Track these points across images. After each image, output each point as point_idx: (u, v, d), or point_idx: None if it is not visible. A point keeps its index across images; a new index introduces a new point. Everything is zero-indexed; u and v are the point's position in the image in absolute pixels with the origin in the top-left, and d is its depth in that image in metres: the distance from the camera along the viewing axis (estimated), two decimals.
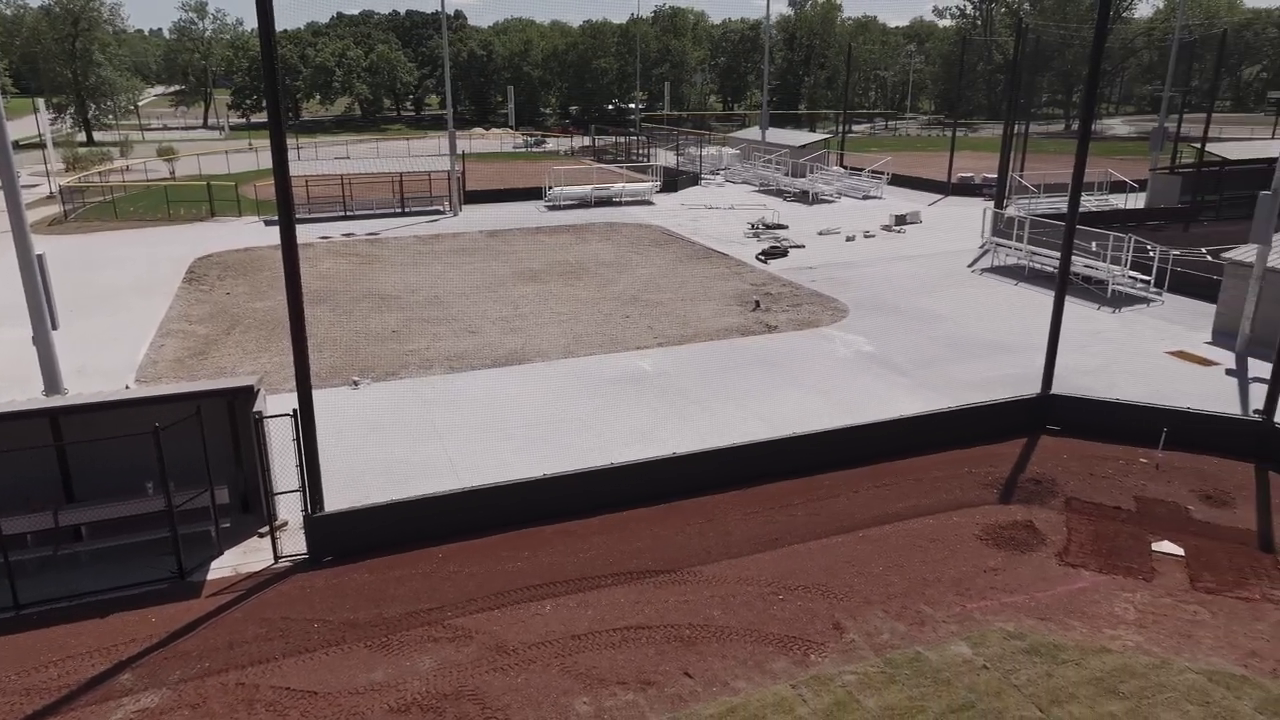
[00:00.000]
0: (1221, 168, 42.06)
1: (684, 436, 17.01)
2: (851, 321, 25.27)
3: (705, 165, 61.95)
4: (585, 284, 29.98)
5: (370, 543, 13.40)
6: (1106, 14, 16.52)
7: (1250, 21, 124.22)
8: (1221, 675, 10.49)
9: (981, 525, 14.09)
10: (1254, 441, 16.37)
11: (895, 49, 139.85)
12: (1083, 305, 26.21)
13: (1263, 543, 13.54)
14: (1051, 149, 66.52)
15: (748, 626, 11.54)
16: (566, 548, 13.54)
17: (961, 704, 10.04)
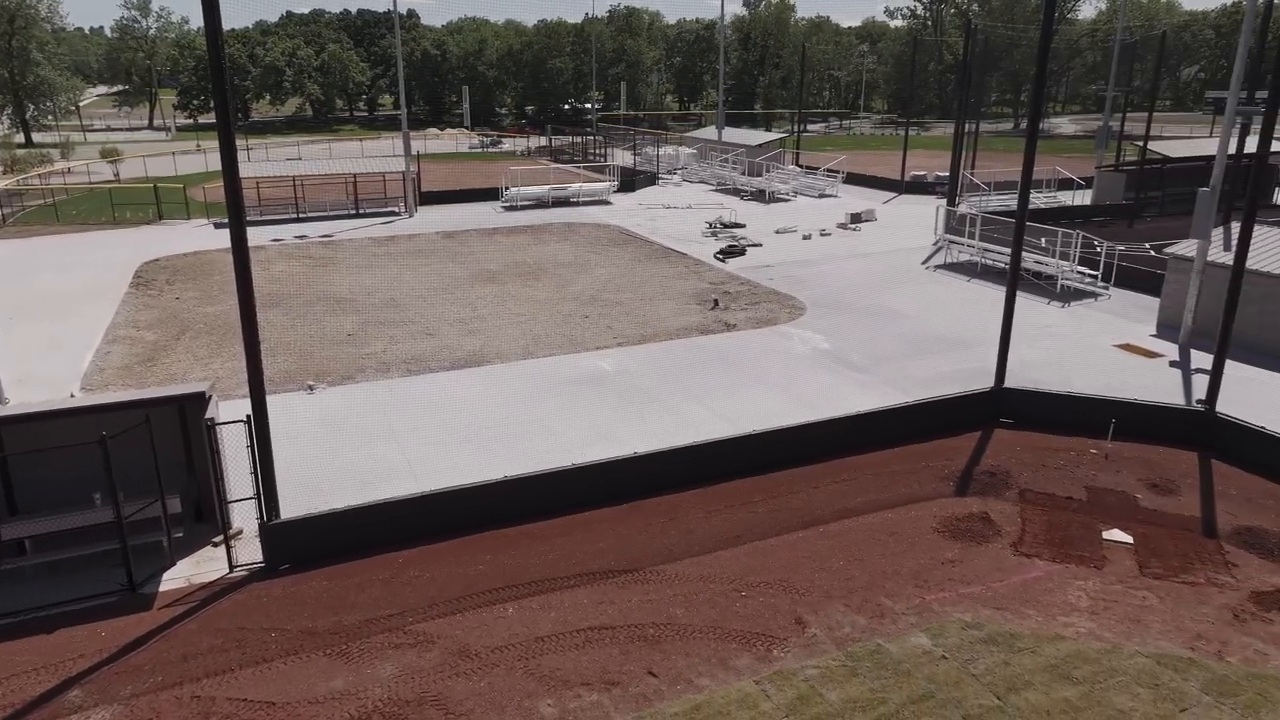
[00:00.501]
0: (1163, 165, 43.25)
1: (645, 436, 17.03)
2: (809, 319, 25.51)
3: (662, 165, 62.10)
4: (544, 284, 29.86)
5: (328, 549, 13.19)
6: (1052, 15, 16.88)
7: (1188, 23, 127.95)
8: (1169, 658, 10.78)
9: (939, 518, 14.30)
10: (1197, 430, 16.86)
11: (848, 49, 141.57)
12: (1033, 300, 26.76)
13: (1207, 529, 13.94)
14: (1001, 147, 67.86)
15: (711, 624, 11.58)
16: (529, 550, 13.47)
17: (922, 694, 10.18)
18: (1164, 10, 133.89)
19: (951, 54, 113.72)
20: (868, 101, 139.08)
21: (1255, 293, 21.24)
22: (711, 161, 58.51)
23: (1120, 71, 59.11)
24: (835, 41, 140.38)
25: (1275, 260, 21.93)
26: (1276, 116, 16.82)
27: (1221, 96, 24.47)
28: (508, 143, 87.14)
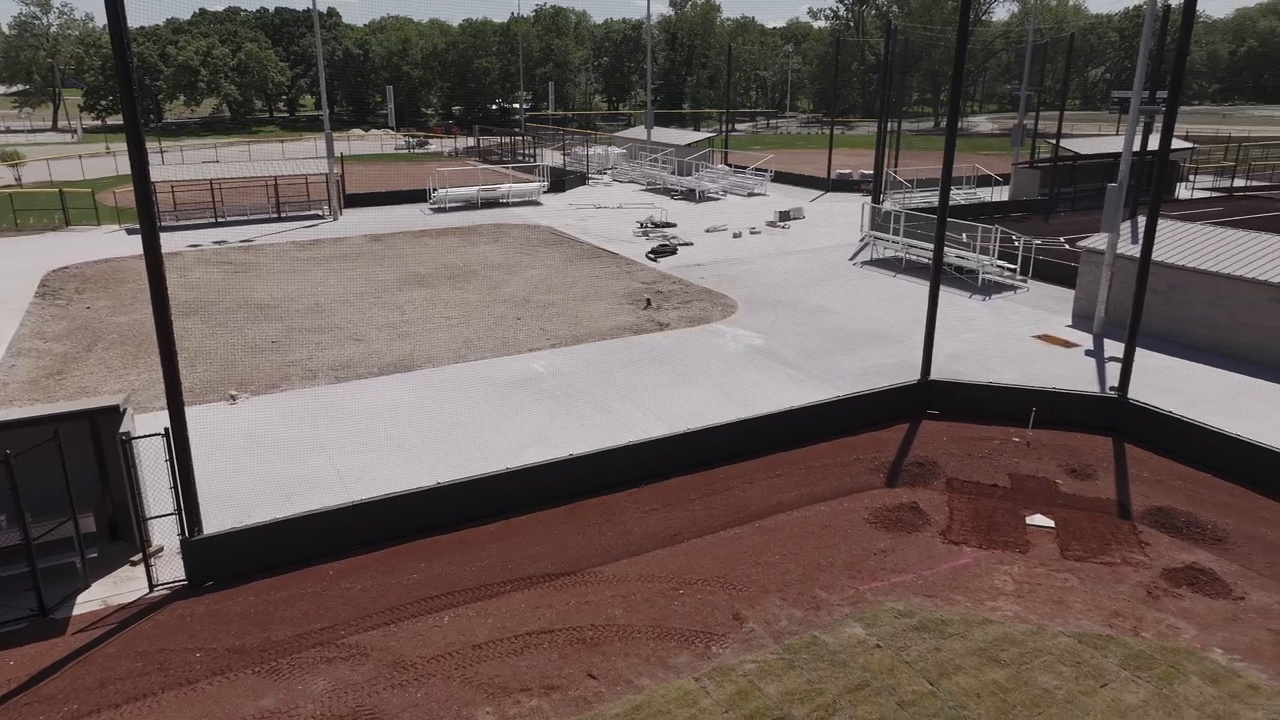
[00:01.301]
0: (1074, 162, 44.97)
1: (580, 437, 16.95)
2: (741, 317, 25.76)
3: (592, 165, 62.01)
4: (474, 287, 29.50)
5: (255, 564, 12.78)
6: (967, 17, 17.36)
7: (1094, 26, 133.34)
8: (1090, 636, 11.19)
9: (870, 509, 14.59)
10: (1111, 416, 17.57)
11: (774, 49, 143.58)
12: (956, 294, 27.52)
13: (1122, 511, 14.53)
14: (923, 145, 69.64)
15: (650, 623, 11.59)
16: (464, 556, 13.28)
17: (857, 683, 10.36)
18: (1072, 13, 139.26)
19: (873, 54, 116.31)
20: (794, 101, 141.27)
21: (1161, 283, 22.24)
22: (641, 161, 58.66)
23: (1033, 72, 61.28)
24: (761, 42, 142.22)
25: (1179, 252, 22.99)
26: (1176, 115, 17.64)
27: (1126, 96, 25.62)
28: (435, 143, 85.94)
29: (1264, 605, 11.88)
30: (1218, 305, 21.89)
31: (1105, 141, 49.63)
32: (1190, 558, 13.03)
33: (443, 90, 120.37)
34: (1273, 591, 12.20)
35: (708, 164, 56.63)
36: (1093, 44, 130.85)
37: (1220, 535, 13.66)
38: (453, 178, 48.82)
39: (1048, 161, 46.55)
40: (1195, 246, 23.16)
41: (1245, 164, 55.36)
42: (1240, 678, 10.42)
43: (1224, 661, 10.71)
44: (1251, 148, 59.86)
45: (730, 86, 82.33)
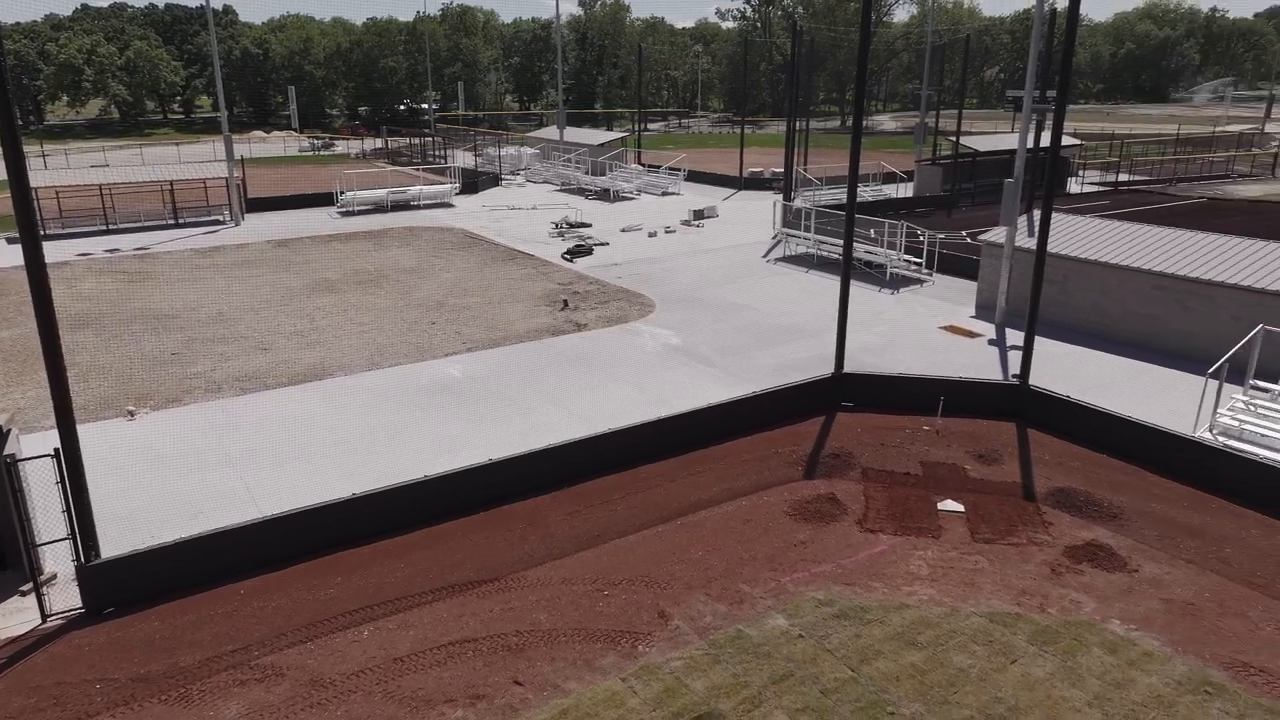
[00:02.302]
0: (974, 159, 46.74)
1: (501, 441, 16.74)
2: (659, 316, 25.89)
3: (505, 165, 61.43)
4: (386, 292, 28.85)
5: (159, 587, 12.19)
6: (869, 18, 17.84)
7: (988, 28, 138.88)
8: (1000, 615, 11.64)
9: (790, 502, 14.84)
10: (1014, 402, 18.31)
11: (683, 49, 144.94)
12: (866, 288, 28.26)
13: (1026, 493, 15.16)
14: (830, 144, 71.29)
15: (575, 626, 11.52)
16: (383, 568, 12.95)
17: (782, 674, 10.52)
18: (967, 15, 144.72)
19: (780, 55, 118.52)
20: (705, 100, 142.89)
21: (1056, 274, 23.27)
22: (555, 161, 58.39)
23: (932, 72, 63.44)
24: (670, 42, 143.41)
25: (1071, 244, 24.11)
26: (1064, 114, 18.50)
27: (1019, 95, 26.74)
28: (341, 145, 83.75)
29: (1155, 576, 12.57)
30: (1107, 294, 23.05)
31: (1002, 139, 51.73)
32: (1089, 535, 13.68)
33: (348, 90, 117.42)
34: (1163, 563, 12.91)
35: (621, 164, 56.76)
36: (987, 45, 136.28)
37: (1115, 512, 14.38)
38: (361, 180, 47.64)
39: (949, 159, 48.25)
40: (1086, 239, 24.34)
41: (1128, 160, 58.54)
42: (1136, 646, 10.99)
43: (1121, 632, 11.28)
44: (1133, 144, 63.32)
45: (641, 86, 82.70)
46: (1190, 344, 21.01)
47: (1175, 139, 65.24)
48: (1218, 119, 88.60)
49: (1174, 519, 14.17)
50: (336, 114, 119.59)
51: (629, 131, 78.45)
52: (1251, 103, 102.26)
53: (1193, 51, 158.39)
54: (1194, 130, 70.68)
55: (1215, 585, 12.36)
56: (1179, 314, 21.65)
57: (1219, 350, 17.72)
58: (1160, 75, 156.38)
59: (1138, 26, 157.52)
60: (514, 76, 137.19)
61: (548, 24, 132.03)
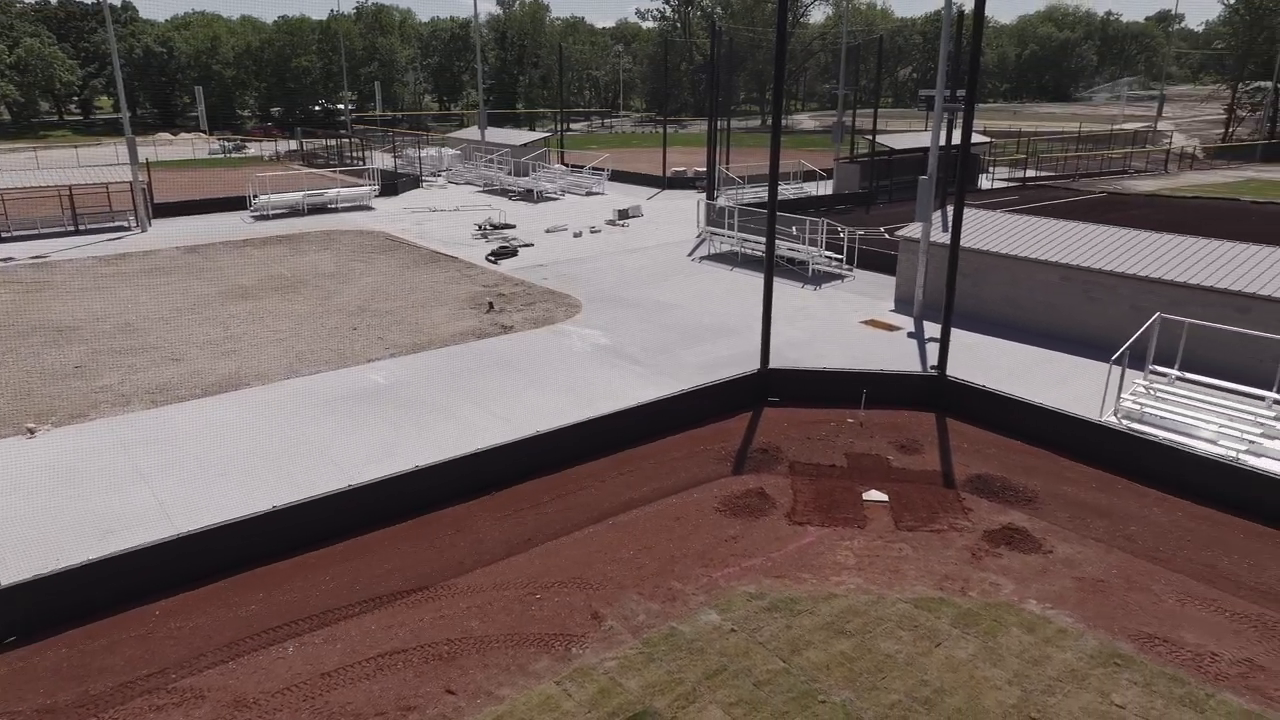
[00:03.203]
0: (890, 156, 47.97)
1: (427, 447, 16.47)
2: (586, 316, 25.83)
3: (426, 167, 60.47)
4: (305, 297, 28.08)
5: (66, 612, 11.61)
6: (785, 19, 18.13)
7: (900, 29, 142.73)
8: (924, 601, 11.97)
9: (719, 498, 14.98)
10: (932, 393, 18.86)
11: (604, 49, 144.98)
12: (789, 285, 28.72)
13: (946, 480, 15.63)
14: (752, 143, 72.26)
15: (508, 631, 11.41)
16: (307, 582, 12.60)
17: (715, 669, 10.61)
18: (880, 16, 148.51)
19: (701, 55, 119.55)
20: (627, 100, 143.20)
21: (970, 268, 24.04)
22: (477, 162, 57.73)
23: (848, 71, 64.88)
24: (591, 42, 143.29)
25: (984, 238, 24.95)
26: (974, 112, 19.13)
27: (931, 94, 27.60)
28: (253, 147, 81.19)
29: (1068, 556, 13.10)
30: (1018, 286, 23.94)
31: (916, 137, 53.21)
32: (1006, 519, 14.18)
33: (259, 91, 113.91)
34: (1074, 543, 13.48)
35: (544, 164, 56.46)
36: (900, 45, 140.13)
37: (1030, 496, 14.95)
38: (275, 183, 46.24)
39: (866, 157, 49.42)
40: (998, 233, 25.22)
41: (1035, 156, 60.91)
42: (1052, 624, 11.44)
43: (1038, 611, 11.73)
44: (1039, 142, 65.92)
45: (563, 86, 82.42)
46: (1095, 332, 21.96)
47: (1077, 136, 68.16)
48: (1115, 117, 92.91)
49: (1083, 500, 14.80)
50: (248, 115, 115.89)
51: (551, 132, 78.10)
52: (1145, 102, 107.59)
53: (1091, 53, 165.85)
54: (1094, 128, 73.92)
55: (1122, 562, 12.95)
56: (1084, 304, 22.61)
57: (1121, 338, 18.57)
58: (1062, 75, 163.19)
59: (1040, 29, 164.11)
60: (433, 76, 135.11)
61: (466, 23, 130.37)
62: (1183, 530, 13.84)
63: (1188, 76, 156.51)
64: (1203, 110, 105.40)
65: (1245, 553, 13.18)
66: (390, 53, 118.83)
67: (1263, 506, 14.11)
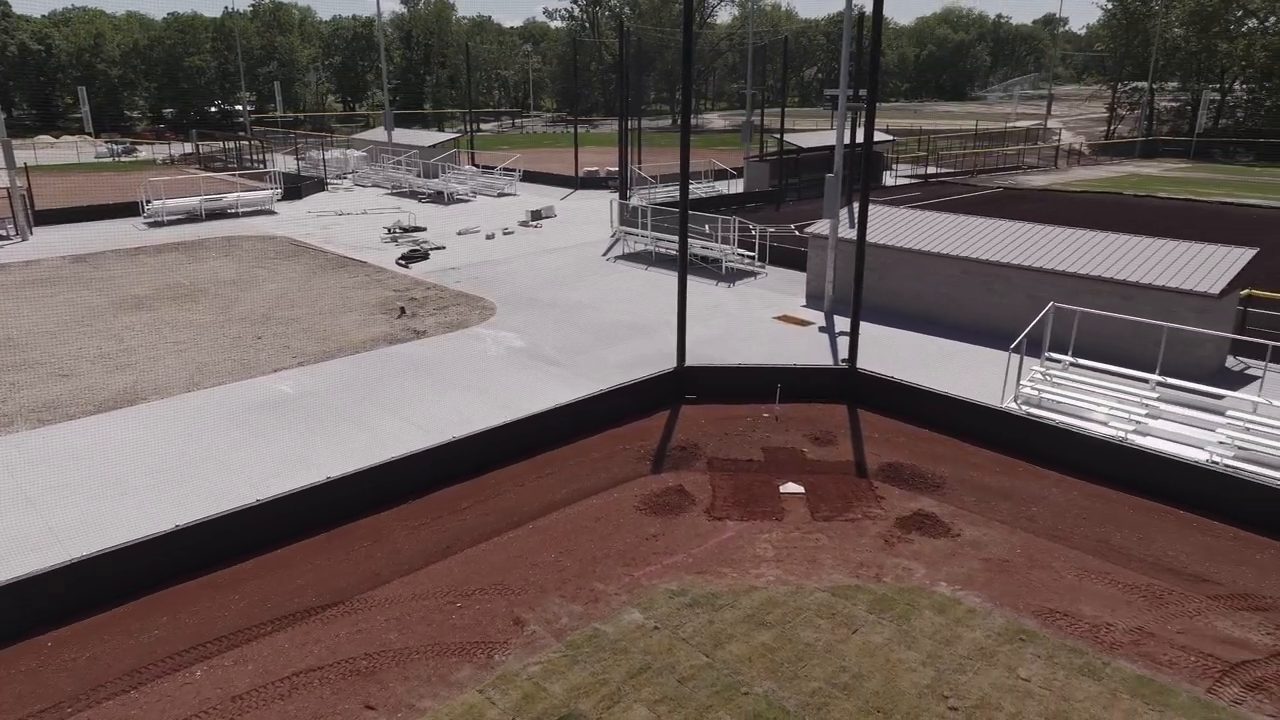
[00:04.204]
0: (798, 155, 48.98)
1: (340, 457, 16.01)
2: (501, 318, 25.56)
3: (331, 169, 58.85)
4: (205, 306, 26.97)
5: None
6: (691, 19, 18.30)
7: (804, 30, 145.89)
8: (841, 589, 12.26)
9: (639, 496, 15.02)
10: (844, 385, 19.34)
11: (513, 49, 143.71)
12: (703, 282, 29.02)
13: (859, 470, 16.05)
14: (663, 142, 72.75)
15: (428, 642, 11.19)
16: (214, 602, 12.10)
17: (639, 668, 10.64)
18: (785, 17, 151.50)
19: (610, 54, 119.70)
20: (537, 100, 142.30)
21: (876, 262, 24.72)
22: (384, 164, 56.47)
23: (755, 71, 65.95)
24: (500, 41, 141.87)
25: (889, 234, 25.71)
26: (875, 111, 19.70)
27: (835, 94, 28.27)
28: (145, 150, 77.55)
29: (975, 539, 13.62)
30: (922, 280, 24.76)
31: (823, 135, 54.48)
32: (916, 505, 14.64)
33: (150, 91, 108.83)
34: (980, 526, 14.02)
35: (455, 165, 55.63)
36: (805, 46, 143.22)
37: (938, 482, 15.48)
38: (170, 187, 44.24)
39: (775, 155, 50.33)
40: (902, 228, 26.03)
41: (935, 154, 63.12)
42: (961, 605, 11.87)
43: (948, 593, 12.16)
44: (939, 139, 68.33)
45: (472, 86, 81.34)
46: (995, 323, 22.88)
47: (974, 134, 70.91)
48: (1008, 116, 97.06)
49: (988, 484, 15.41)
50: (138, 116, 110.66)
51: (461, 132, 77.01)
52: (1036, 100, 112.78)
53: (984, 54, 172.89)
54: (989, 126, 77.05)
55: (1024, 542, 13.54)
56: (984, 296, 23.54)
57: (1019, 327, 19.40)
58: (958, 75, 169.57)
59: (937, 30, 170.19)
60: (336, 76, 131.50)
61: (369, 22, 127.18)
62: (1079, 509, 14.54)
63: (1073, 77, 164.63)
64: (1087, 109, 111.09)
65: (1135, 527, 13.95)
66: (290, 52, 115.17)
67: (1149, 483, 14.95)
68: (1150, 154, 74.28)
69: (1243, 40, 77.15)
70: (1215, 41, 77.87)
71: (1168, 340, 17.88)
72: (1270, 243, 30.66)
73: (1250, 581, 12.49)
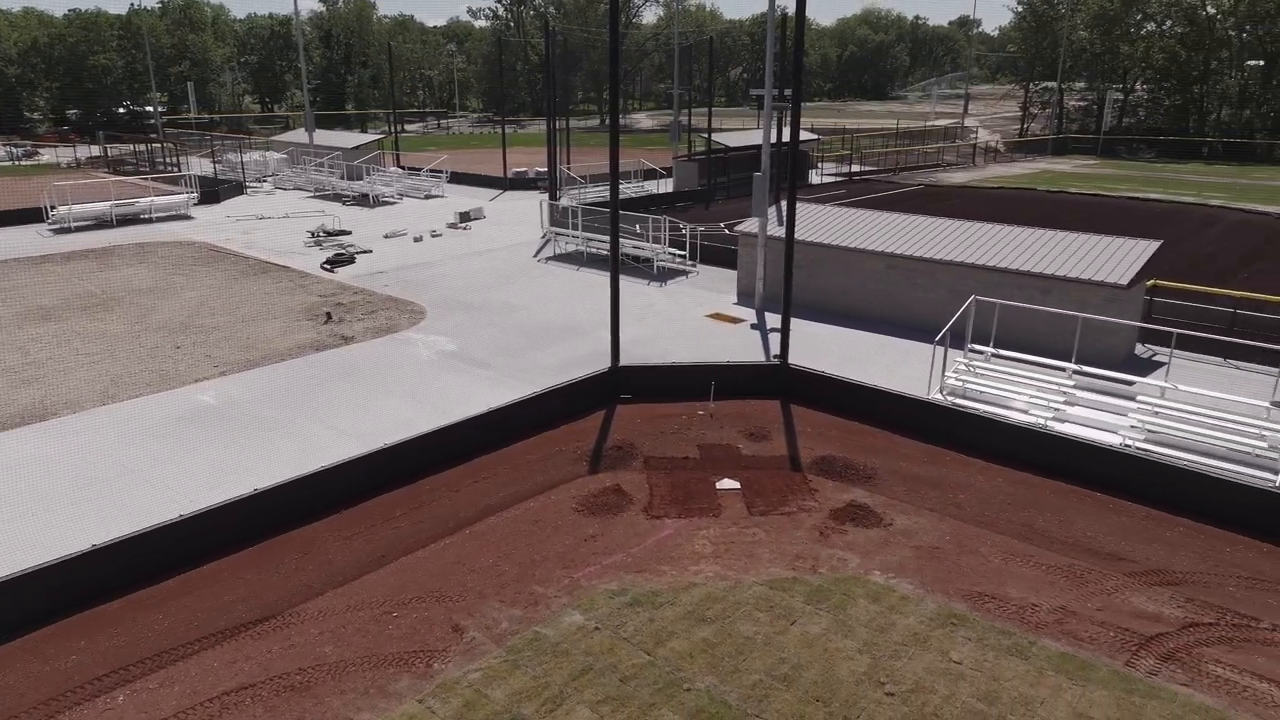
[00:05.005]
0: (726, 154, 49.46)
1: (267, 468, 15.56)
2: (431, 322, 25.18)
3: (250, 172, 57.14)
4: (119, 316, 25.90)
5: None
6: (617, 20, 18.31)
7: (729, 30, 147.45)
8: (778, 581, 12.44)
9: (577, 498, 14.98)
10: (777, 381, 19.62)
11: (436, 48, 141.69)
12: (635, 282, 29.08)
13: (793, 464, 16.30)
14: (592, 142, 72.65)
15: (364, 654, 10.97)
16: (138, 622, 11.63)
17: (581, 669, 10.61)
18: (709, 18, 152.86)
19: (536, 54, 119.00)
20: (463, 100, 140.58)
21: (806, 259, 25.14)
22: (306, 166, 55.08)
23: (682, 71, 66.41)
24: (423, 40, 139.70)
25: (817, 231, 26.16)
26: (800, 110, 20.02)
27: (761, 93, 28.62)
28: (48, 153, 74.09)
29: (906, 528, 13.97)
30: (850, 276, 25.26)
31: (750, 135, 55.13)
32: (849, 497, 14.95)
33: (51, 91, 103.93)
34: (911, 515, 14.39)
35: (379, 167, 54.57)
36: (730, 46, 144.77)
37: (870, 473, 15.82)
38: (77, 192, 42.33)
39: (703, 154, 50.73)
40: (830, 226, 26.52)
41: (859, 152, 64.50)
42: (895, 592, 12.17)
43: (882, 581, 12.44)
44: (862, 138, 69.85)
45: (395, 86, 79.95)
46: (920, 316, 23.49)
47: (895, 133, 72.70)
48: (927, 115, 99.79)
49: (917, 474, 15.82)
50: (39, 118, 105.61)
51: (385, 133, 75.61)
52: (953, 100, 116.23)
53: (903, 54, 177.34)
54: (910, 125, 79.10)
55: (953, 528, 13.94)
56: (909, 290, 24.15)
57: (943, 320, 19.96)
58: (879, 75, 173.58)
59: (857, 31, 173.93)
60: (253, 76, 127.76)
61: (287, 20, 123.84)
62: (1003, 495, 15.05)
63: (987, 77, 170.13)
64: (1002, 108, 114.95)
65: (1056, 510, 14.50)
66: (203, 51, 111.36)
67: (1068, 468, 15.56)
68: (1061, 151, 77.27)
69: (1142, 43, 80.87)
70: (1118, 44, 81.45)
71: (1082, 330, 18.63)
72: (1172, 235, 32.25)
73: (1162, 558, 13.10)
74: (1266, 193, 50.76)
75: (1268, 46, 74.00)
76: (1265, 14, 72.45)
